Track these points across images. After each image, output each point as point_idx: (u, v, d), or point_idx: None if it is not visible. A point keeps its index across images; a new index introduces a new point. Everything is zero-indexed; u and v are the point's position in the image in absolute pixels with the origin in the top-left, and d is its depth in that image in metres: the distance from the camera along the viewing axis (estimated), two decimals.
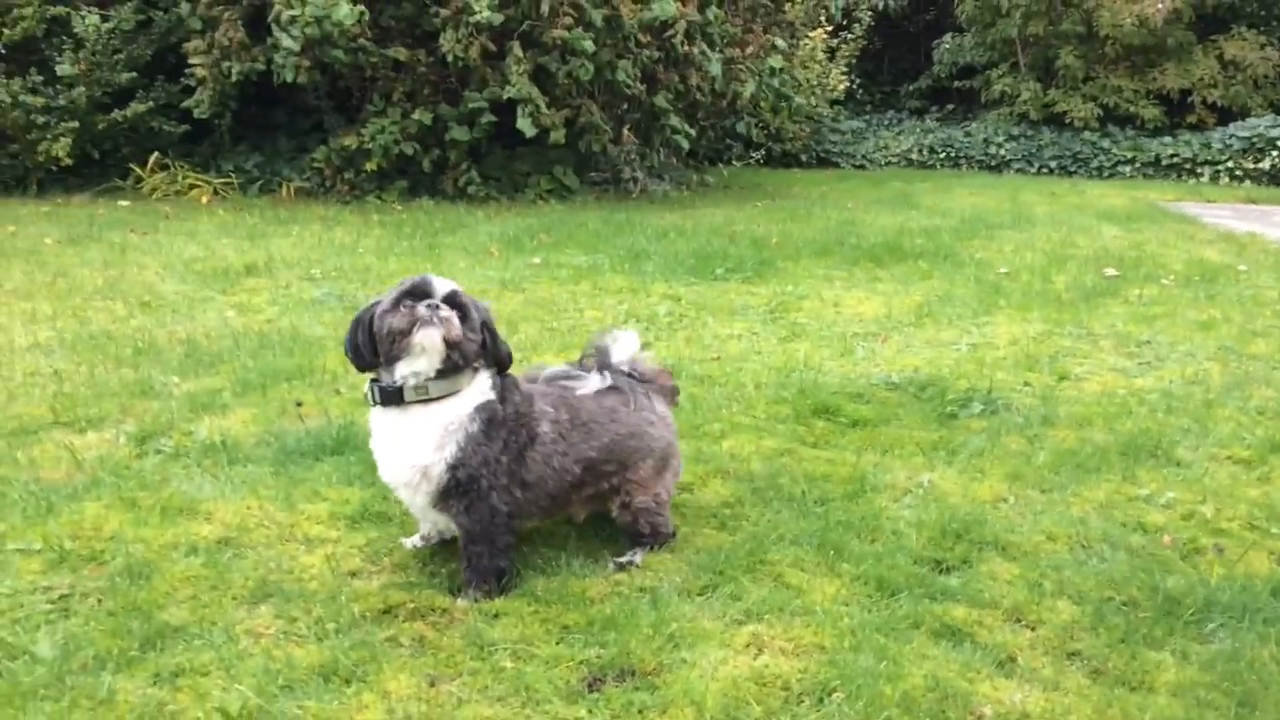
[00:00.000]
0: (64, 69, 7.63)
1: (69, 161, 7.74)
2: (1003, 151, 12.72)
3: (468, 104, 7.76)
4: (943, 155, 13.04)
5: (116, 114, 7.87)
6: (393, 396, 1.92)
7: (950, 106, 14.51)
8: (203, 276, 4.88)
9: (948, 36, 14.01)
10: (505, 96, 7.57)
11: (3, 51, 7.70)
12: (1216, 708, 1.66)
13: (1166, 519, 2.38)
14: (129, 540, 2.10)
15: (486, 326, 1.98)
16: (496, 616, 1.87)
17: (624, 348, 2.24)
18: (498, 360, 1.99)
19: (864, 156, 13.23)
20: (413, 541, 2.15)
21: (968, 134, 13.16)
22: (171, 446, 2.63)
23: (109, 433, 2.73)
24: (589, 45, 7.59)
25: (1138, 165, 12.05)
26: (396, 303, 1.91)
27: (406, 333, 1.88)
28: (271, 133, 8.75)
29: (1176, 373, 3.58)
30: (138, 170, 8.13)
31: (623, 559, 2.10)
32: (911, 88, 15.00)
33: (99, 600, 1.87)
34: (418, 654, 1.75)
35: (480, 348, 1.96)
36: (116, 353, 3.46)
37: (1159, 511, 2.41)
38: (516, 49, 7.58)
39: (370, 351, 1.93)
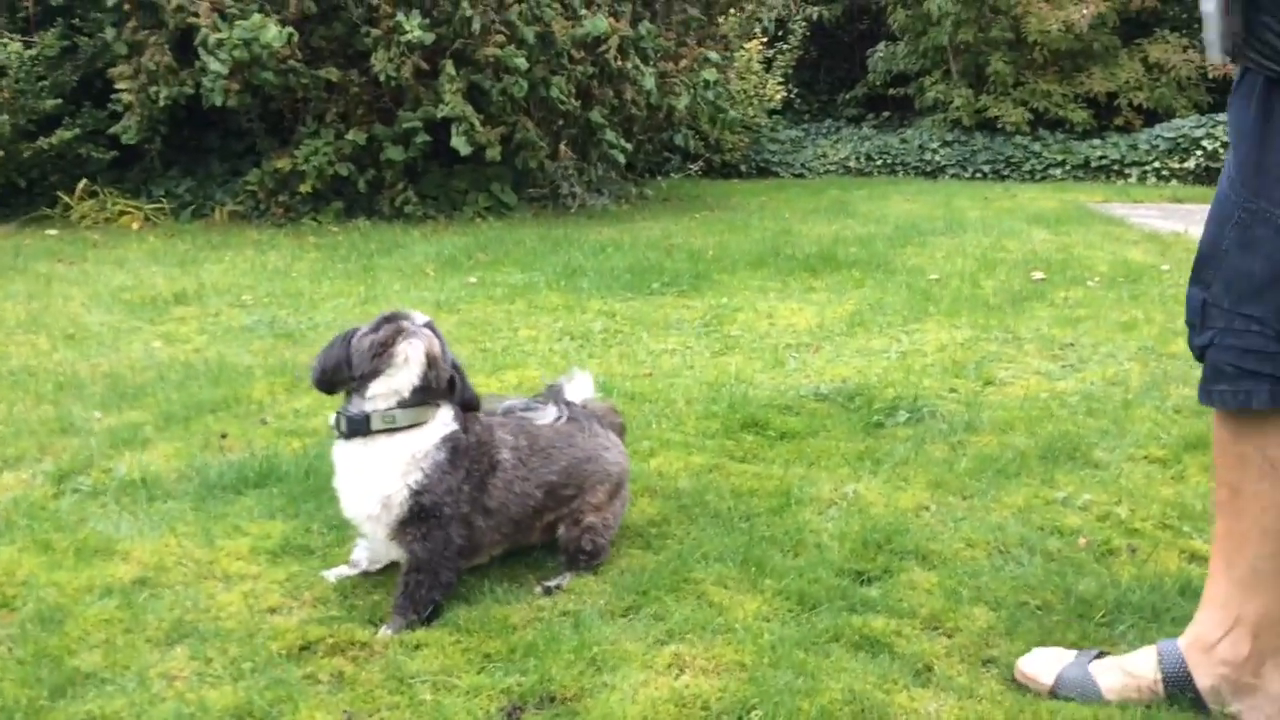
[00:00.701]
0: None
1: None
2: (937, 157, 12.91)
3: (402, 123, 7.73)
4: (879, 162, 13.21)
5: (42, 141, 7.73)
6: (359, 425, 1.95)
7: (886, 114, 14.71)
8: (130, 306, 4.81)
9: (881, 45, 14.20)
10: (440, 115, 7.55)
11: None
12: (1126, 710, 1.70)
13: (1083, 521, 2.43)
14: (41, 585, 2.06)
15: (455, 365, 2.04)
16: (417, 648, 1.86)
17: (579, 386, 2.35)
18: (464, 401, 2.05)
19: (803, 165, 13.36)
20: (337, 573, 2.13)
21: (903, 141, 13.34)
22: (90, 485, 2.59)
23: (25, 473, 2.67)
24: (522, 62, 7.60)
25: (1068, 168, 12.29)
26: (379, 324, 1.97)
27: (390, 343, 1.93)
28: (204, 156, 8.64)
29: (1098, 374, 3.66)
30: (65, 198, 7.98)
31: (551, 583, 2.11)
32: (848, 96, 15.18)
33: (8, 648, 1.83)
34: (335, 690, 1.73)
35: (449, 384, 2.00)
36: (37, 389, 3.40)
37: (1076, 514, 2.47)
38: (449, 67, 7.56)
39: (346, 367, 1.95)
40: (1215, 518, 1.69)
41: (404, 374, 1.94)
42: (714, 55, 9.32)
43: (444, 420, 2.01)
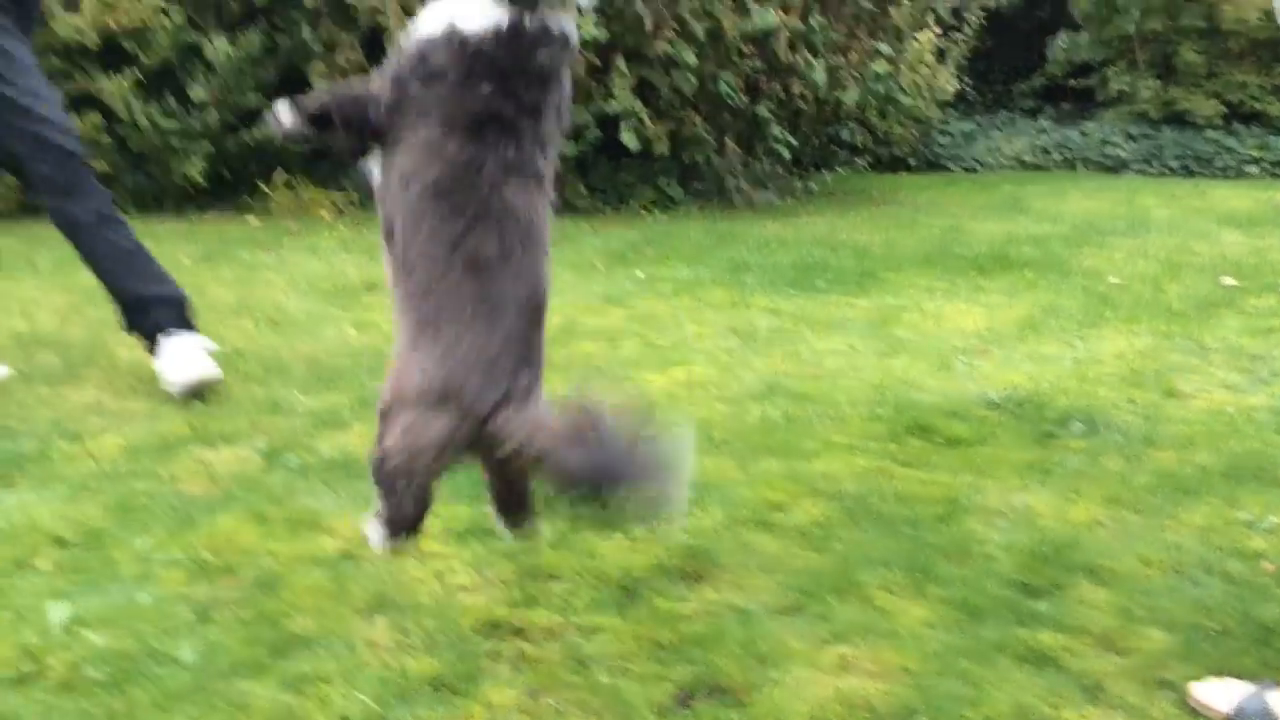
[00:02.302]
0: (197, 93, 8.08)
1: (202, 181, 8.19)
2: (1120, 152, 12.33)
3: (574, 119, 7.94)
4: (1057, 157, 12.71)
5: (245, 135, 8.30)
6: None
7: (1065, 106, 14.14)
8: (325, 293, 5.14)
9: (1062, 34, 13.66)
10: (610, 111, 7.72)
11: (142, 79, 8.18)
12: None
13: (1268, 544, 2.35)
14: (260, 553, 2.27)
15: None
16: (594, 633, 1.98)
17: None
18: None
19: (974, 159, 12.98)
20: None
21: (1084, 134, 12.80)
22: (297, 462, 2.82)
23: (241, 448, 2.93)
24: (691, 58, 7.69)
25: (1265, 165, 11.55)
26: None
27: None
28: None
29: None
30: (265, 188, 8.54)
31: None
32: (1024, 87, 14.66)
33: (234, 610, 2.05)
34: (519, 669, 1.86)
35: None
36: (247, 370, 3.70)
37: (1261, 537, 2.39)
38: (620, 64, 7.72)
39: None
40: None
41: None
42: (885, 48, 9.19)
43: None
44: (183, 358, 3.38)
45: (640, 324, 4.50)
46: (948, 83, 13.20)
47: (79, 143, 3.51)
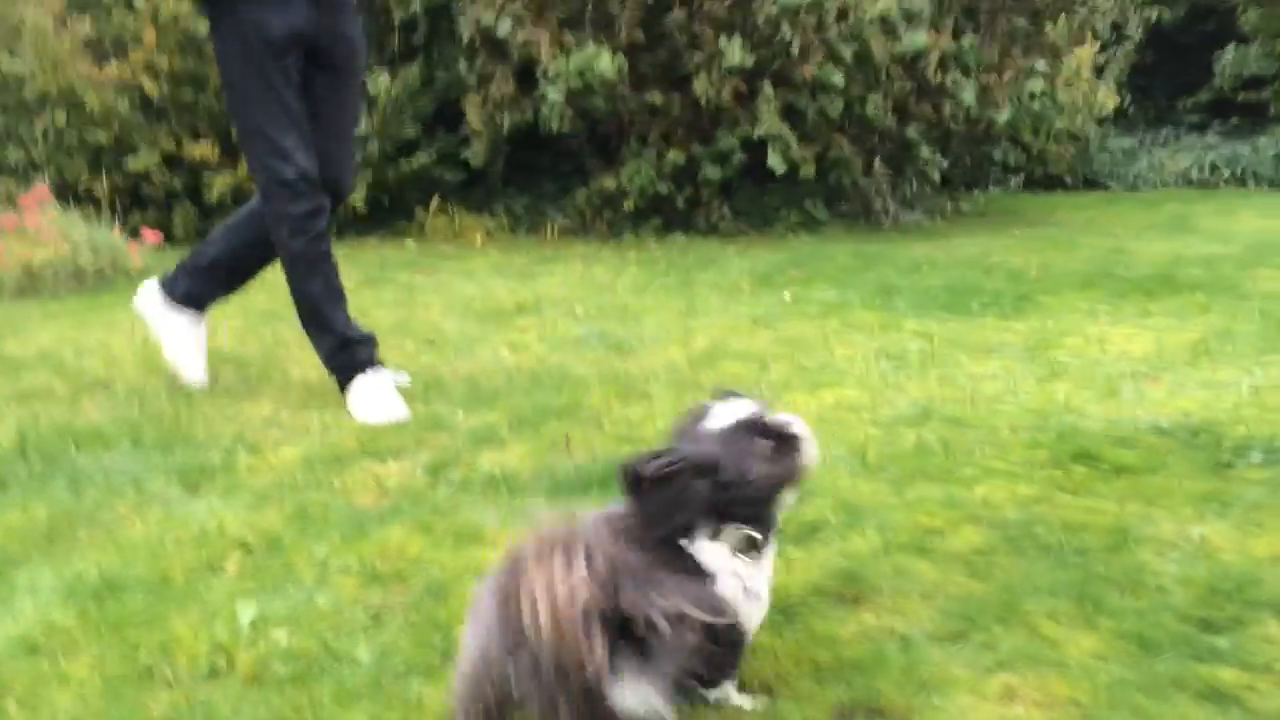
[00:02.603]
0: (360, 126, 8.48)
1: (363, 208, 8.59)
2: None
3: (720, 143, 8.00)
4: (1226, 173, 12.10)
5: (403, 164, 8.67)
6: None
7: (1234, 120, 13.46)
8: (479, 315, 5.31)
9: (1230, 47, 13.03)
10: (756, 135, 7.75)
11: None
12: None
13: None
14: (428, 562, 2.37)
15: None
16: (753, 652, 1.99)
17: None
18: None
19: (1136, 177, 12.48)
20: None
21: (1255, 149, 12.15)
22: (458, 478, 2.92)
23: (407, 463, 3.06)
24: (839, 81, 7.65)
25: None
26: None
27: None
28: (537, 176, 9.34)
29: None
30: (421, 215, 8.89)
31: None
32: (1190, 102, 14.03)
33: (405, 615, 2.14)
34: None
35: None
36: (409, 388, 3.86)
37: None
38: (767, 88, 7.75)
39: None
40: None
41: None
42: (1040, 65, 8.94)
43: None
44: (375, 396, 3.60)
45: (788, 346, 4.49)
46: (1107, 98, 12.74)
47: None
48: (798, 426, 1.78)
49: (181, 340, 3.98)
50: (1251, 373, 3.87)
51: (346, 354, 3.69)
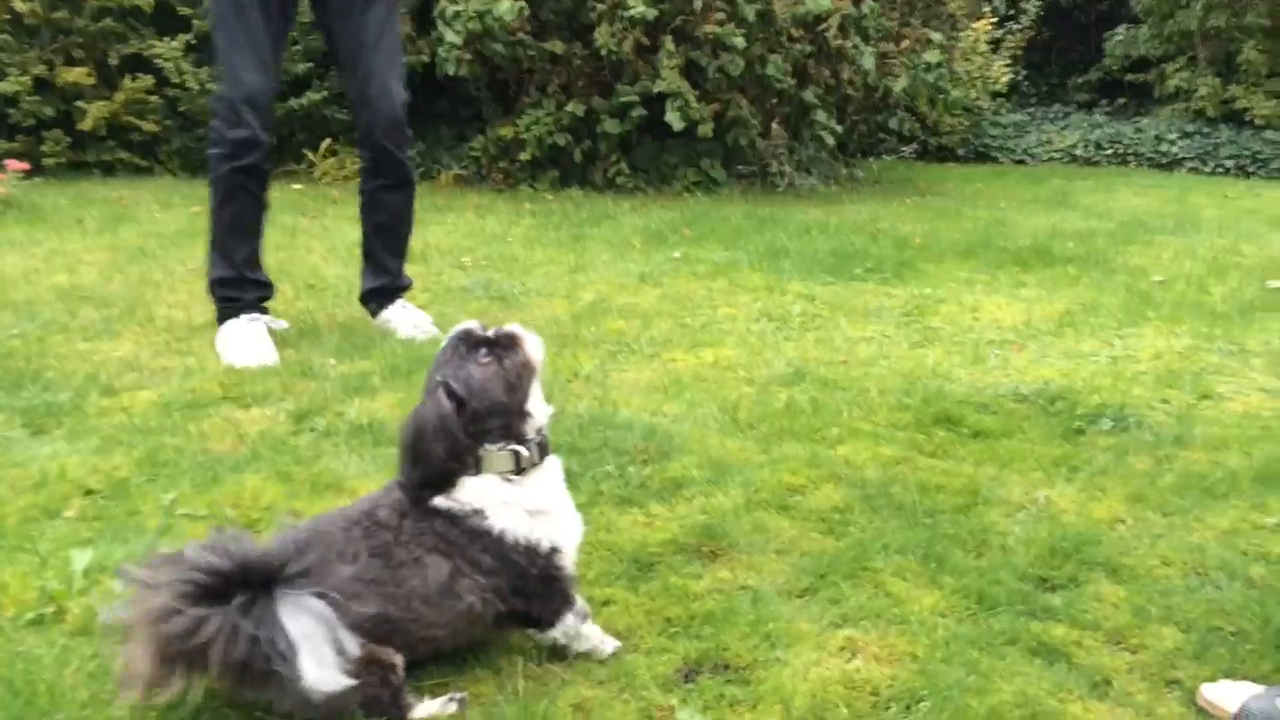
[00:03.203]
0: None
1: None
2: (1175, 149, 12.11)
3: (619, 97, 7.92)
4: (1109, 151, 12.50)
5: (293, 102, 8.37)
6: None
7: (1121, 101, 13.92)
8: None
9: (1122, 27, 13.42)
10: (656, 90, 7.70)
11: (194, 42, 8.27)
12: None
13: None
14: (282, 511, 2.30)
15: None
16: (606, 604, 1.99)
17: None
18: None
19: (1025, 151, 12.81)
20: None
21: (1138, 130, 12.58)
22: (324, 425, 2.86)
23: (271, 409, 2.98)
24: (740, 40, 7.64)
25: None
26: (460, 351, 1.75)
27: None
28: (433, 122, 9.12)
29: None
30: (310, 156, 8.62)
31: None
32: (1080, 81, 14.43)
33: None
34: (527, 636, 1.87)
35: None
36: (282, 335, 3.74)
37: None
38: (669, 43, 7.69)
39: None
40: None
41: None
42: (937, 36, 9.07)
43: None
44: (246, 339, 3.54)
45: (673, 304, 4.50)
46: (1001, 73, 13.03)
47: None
48: (513, 327, 1.77)
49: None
50: (1111, 344, 4.02)
51: (233, 289, 3.62)
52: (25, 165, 6.68)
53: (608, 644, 1.84)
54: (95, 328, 3.75)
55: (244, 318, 3.57)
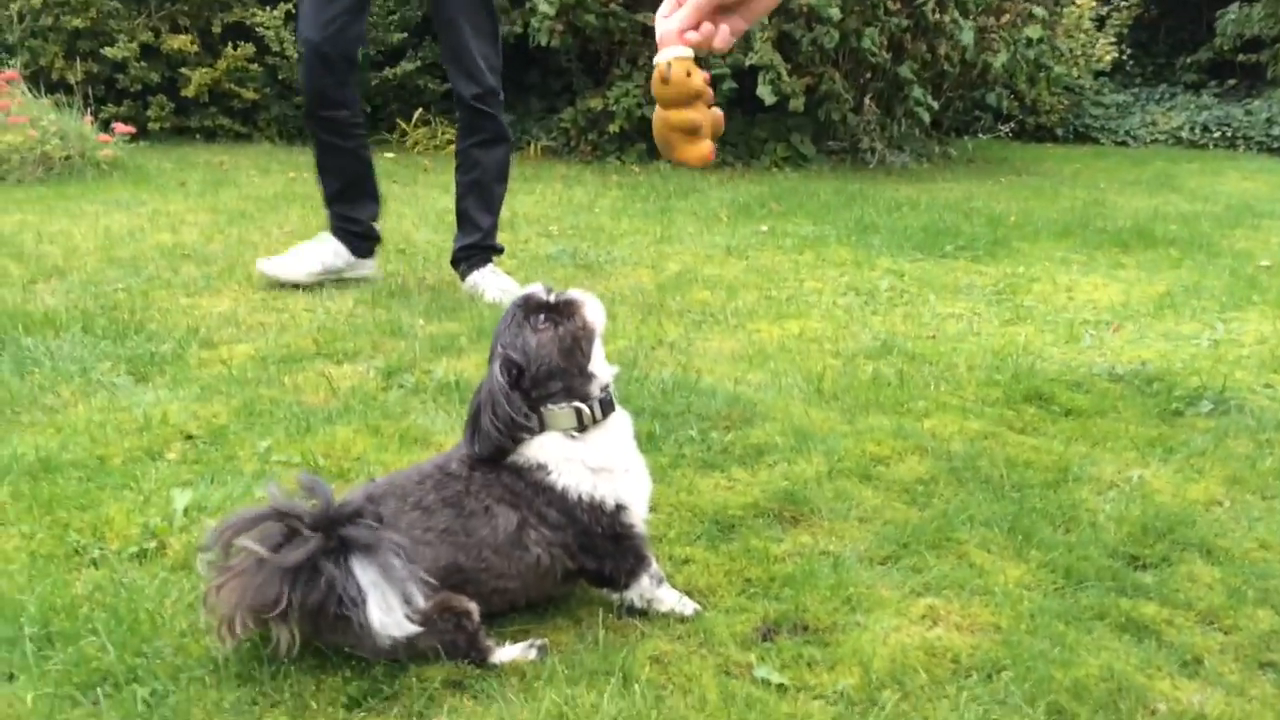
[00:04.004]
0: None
1: None
2: None
3: (710, 69, 7.87)
4: (1217, 134, 12.03)
5: (388, 72, 8.51)
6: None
7: (1231, 82, 13.35)
8: (451, 228, 5.23)
9: (1234, 6, 12.87)
10: (748, 63, 7.63)
11: (293, 9, 8.45)
12: None
13: None
14: (371, 462, 2.36)
15: None
16: (686, 562, 2.00)
17: None
18: None
19: (1127, 133, 12.40)
20: None
21: (1248, 112, 12.08)
22: (412, 382, 2.91)
23: (361, 366, 3.05)
24: (835, 12, 7.53)
25: None
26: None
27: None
28: (524, 93, 9.19)
29: None
30: (403, 125, 8.75)
31: None
32: (1188, 60, 13.88)
33: None
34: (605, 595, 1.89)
35: None
36: (374, 295, 3.82)
37: None
38: None
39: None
40: None
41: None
42: (1040, 11, 8.82)
43: None
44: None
45: (759, 276, 4.47)
46: (1105, 51, 12.61)
47: None
48: (573, 292, 1.77)
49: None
50: (1213, 327, 3.88)
51: (340, 221, 3.98)
52: (131, 129, 6.91)
53: (687, 606, 1.85)
54: (196, 284, 3.87)
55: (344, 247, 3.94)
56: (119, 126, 6.73)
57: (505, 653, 1.67)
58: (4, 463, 2.24)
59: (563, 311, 1.75)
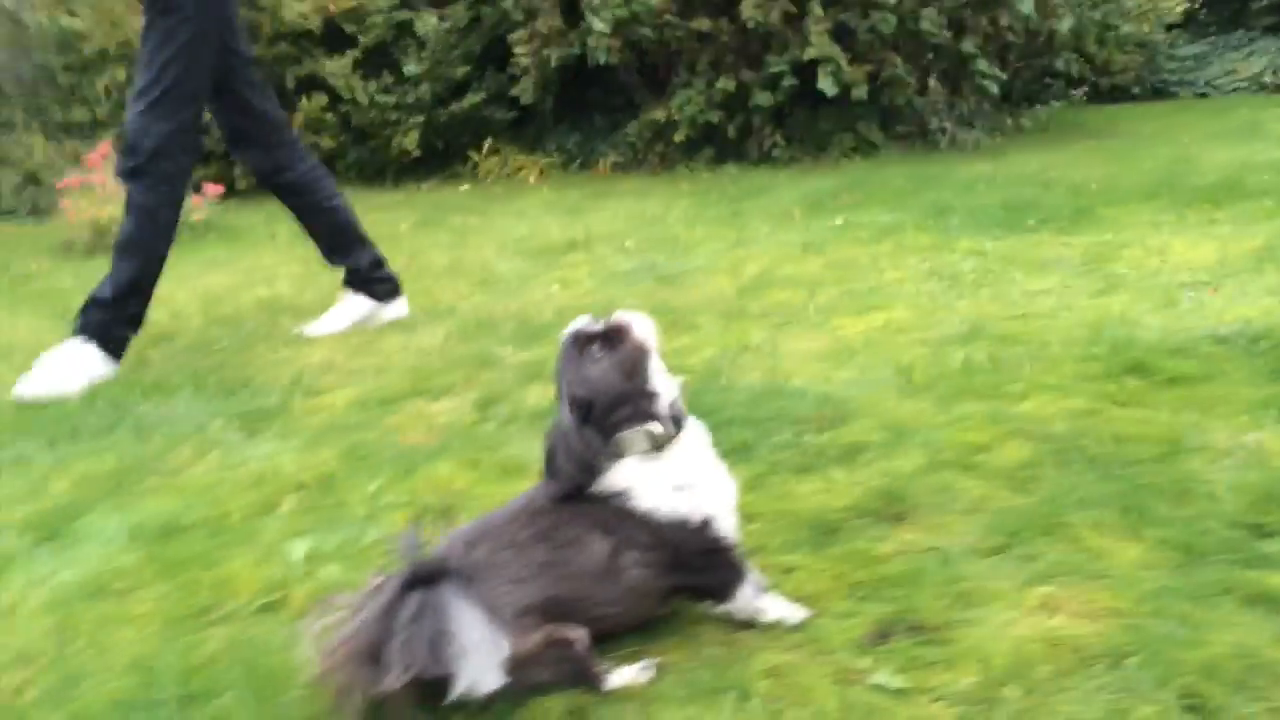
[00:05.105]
0: (409, 68, 8.49)
1: (417, 152, 8.63)
2: None
3: (769, 68, 7.86)
4: None
5: (455, 106, 8.68)
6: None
7: None
8: (530, 253, 5.34)
9: None
10: (806, 58, 7.59)
11: (360, 56, 8.68)
12: None
13: None
14: (475, 495, 2.42)
15: None
16: (789, 572, 2.00)
17: None
18: None
19: (1207, 84, 11.97)
20: None
21: None
22: (507, 412, 2.97)
23: (456, 400, 3.12)
24: None
25: None
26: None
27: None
28: (587, 111, 9.28)
29: None
30: (474, 156, 8.91)
31: None
32: (1264, 3, 13.33)
33: None
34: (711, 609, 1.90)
35: None
36: (460, 328, 3.91)
37: None
38: (816, 8, 7.57)
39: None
40: None
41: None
42: None
43: None
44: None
45: (838, 271, 4.45)
46: (1176, 3, 12.20)
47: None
48: (620, 316, 1.79)
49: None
50: None
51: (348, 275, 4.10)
52: (220, 188, 7.17)
53: (795, 613, 1.85)
54: (294, 335, 4.00)
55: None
56: (209, 187, 6.98)
57: (619, 677, 1.70)
58: (133, 528, 2.35)
59: (614, 337, 1.78)
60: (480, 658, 1.56)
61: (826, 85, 7.58)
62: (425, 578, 1.60)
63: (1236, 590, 1.82)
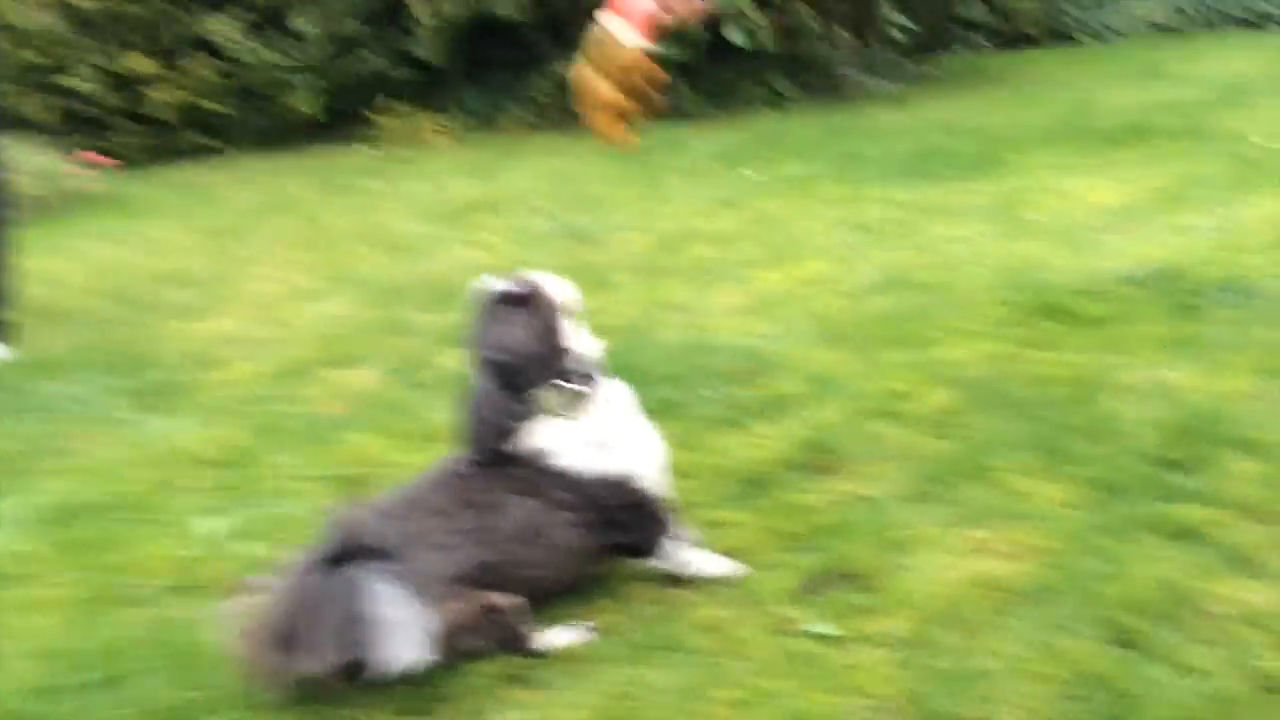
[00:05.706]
0: (299, 24, 8.19)
1: (320, 116, 8.34)
2: (1266, 5, 11.39)
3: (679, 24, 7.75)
4: (1195, 15, 11.83)
5: (351, 64, 8.39)
6: None
7: None
8: (440, 217, 5.19)
9: None
10: (714, 10, 7.50)
11: (245, 14, 8.32)
12: None
13: None
14: (392, 464, 2.34)
15: None
16: (720, 526, 1.98)
17: None
18: None
19: (1105, 26, 12.19)
20: None
21: None
22: (420, 379, 2.88)
23: (367, 369, 3.02)
24: None
25: None
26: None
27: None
28: (493, 69, 9.06)
29: None
30: (375, 118, 8.64)
31: None
32: None
33: None
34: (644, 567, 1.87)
35: None
36: (368, 295, 3.78)
37: None
38: None
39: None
40: None
41: None
42: None
43: None
44: None
45: (755, 225, 4.42)
46: None
47: None
48: (528, 275, 1.77)
49: None
50: (1218, 214, 3.82)
51: None
52: (101, 158, 6.83)
53: (726, 567, 1.83)
54: (189, 308, 3.83)
55: None
56: (94, 157, 6.66)
57: (550, 637, 1.66)
58: (34, 511, 2.23)
59: (524, 297, 1.72)
60: (400, 636, 1.51)
61: (736, 37, 7.52)
62: (340, 556, 1.53)
63: (1155, 525, 1.85)
